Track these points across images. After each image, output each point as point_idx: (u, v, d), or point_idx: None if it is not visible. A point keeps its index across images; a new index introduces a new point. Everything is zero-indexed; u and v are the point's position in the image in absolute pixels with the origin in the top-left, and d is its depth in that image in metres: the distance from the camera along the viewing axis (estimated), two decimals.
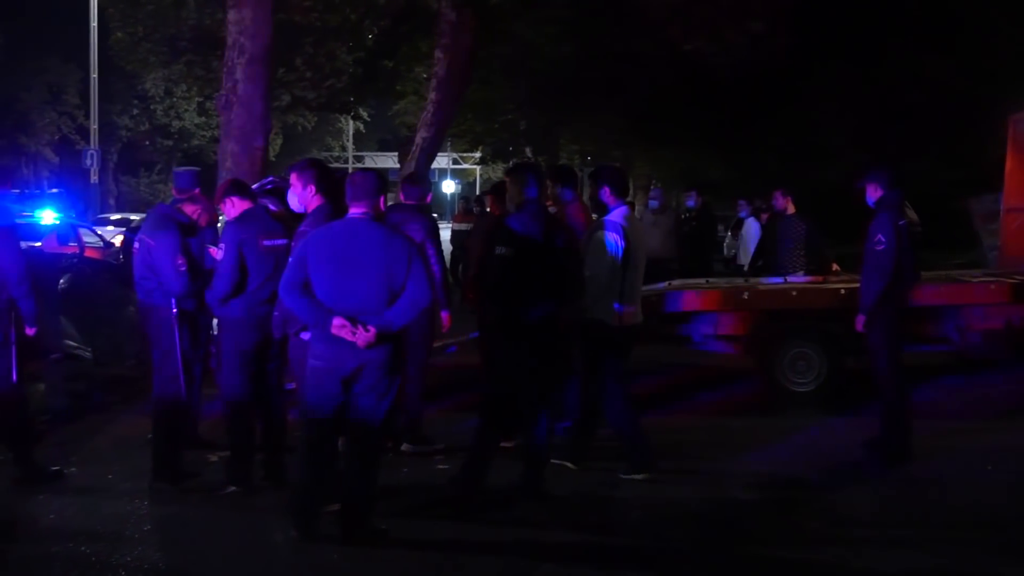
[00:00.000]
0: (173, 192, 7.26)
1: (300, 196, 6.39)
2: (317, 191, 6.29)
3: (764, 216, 14.47)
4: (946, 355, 10.33)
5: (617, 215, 6.98)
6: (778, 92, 22.21)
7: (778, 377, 9.72)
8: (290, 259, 5.73)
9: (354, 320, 5.47)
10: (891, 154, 17.64)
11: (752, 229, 14.76)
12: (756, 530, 6.16)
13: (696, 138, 27.91)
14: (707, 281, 11.02)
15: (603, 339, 6.96)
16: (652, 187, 49.07)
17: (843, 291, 9.51)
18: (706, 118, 24.86)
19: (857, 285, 8.04)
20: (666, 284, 10.88)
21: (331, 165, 46.89)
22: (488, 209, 10.29)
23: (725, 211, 23.93)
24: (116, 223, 28.86)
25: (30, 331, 6.76)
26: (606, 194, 7.03)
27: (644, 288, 10.36)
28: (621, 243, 6.85)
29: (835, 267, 10.58)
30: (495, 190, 8.30)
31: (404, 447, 7.55)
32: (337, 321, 5.47)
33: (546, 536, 5.95)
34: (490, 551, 5.72)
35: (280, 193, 7.49)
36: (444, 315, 7.77)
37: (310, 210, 6.32)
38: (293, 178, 6.41)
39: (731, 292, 10.24)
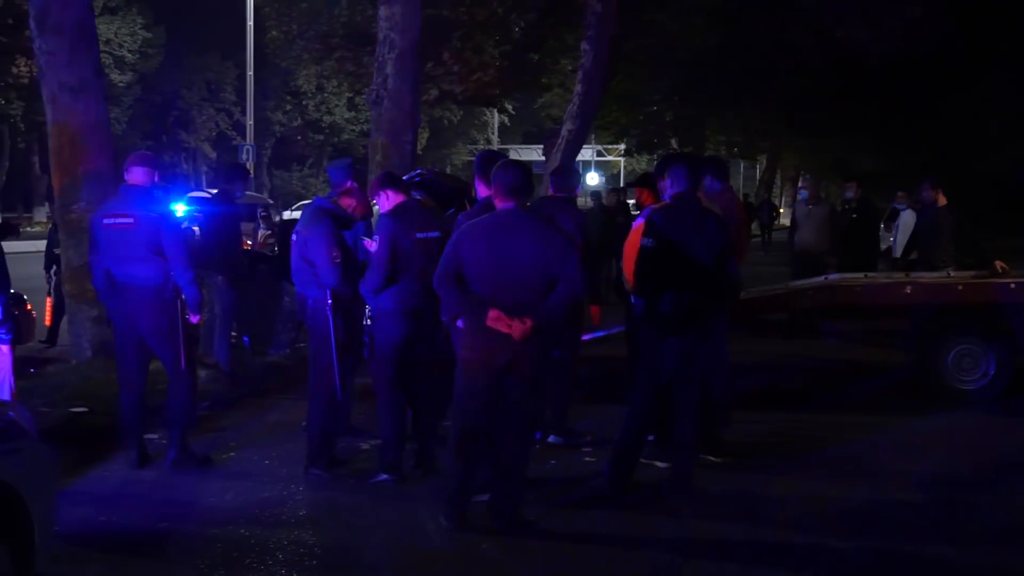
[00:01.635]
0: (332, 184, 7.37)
1: (479, 189, 6.72)
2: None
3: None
4: None
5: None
6: (934, 79, 21.38)
7: (942, 375, 9.34)
8: (444, 251, 5.76)
9: (510, 312, 5.47)
10: None
11: (908, 221, 14.26)
12: (918, 531, 5.92)
13: (847, 128, 27.13)
14: (865, 276, 10.66)
15: None
16: (801, 178, 47.97)
17: (1013, 285, 9.12)
18: (858, 107, 24.13)
19: None
20: (822, 278, 10.60)
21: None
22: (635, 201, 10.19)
23: (879, 202, 23.20)
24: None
25: (194, 319, 6.99)
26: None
27: (801, 282, 10.10)
28: None
29: (1000, 265, 10.10)
30: (645, 182, 8.20)
31: (551, 439, 7.54)
32: (493, 313, 5.48)
33: (697, 532, 5.85)
34: (640, 546, 5.65)
35: (428, 186, 7.58)
36: (593, 308, 7.73)
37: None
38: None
39: (892, 287, 9.89)
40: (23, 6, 27.79)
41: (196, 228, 10.88)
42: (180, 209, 19.42)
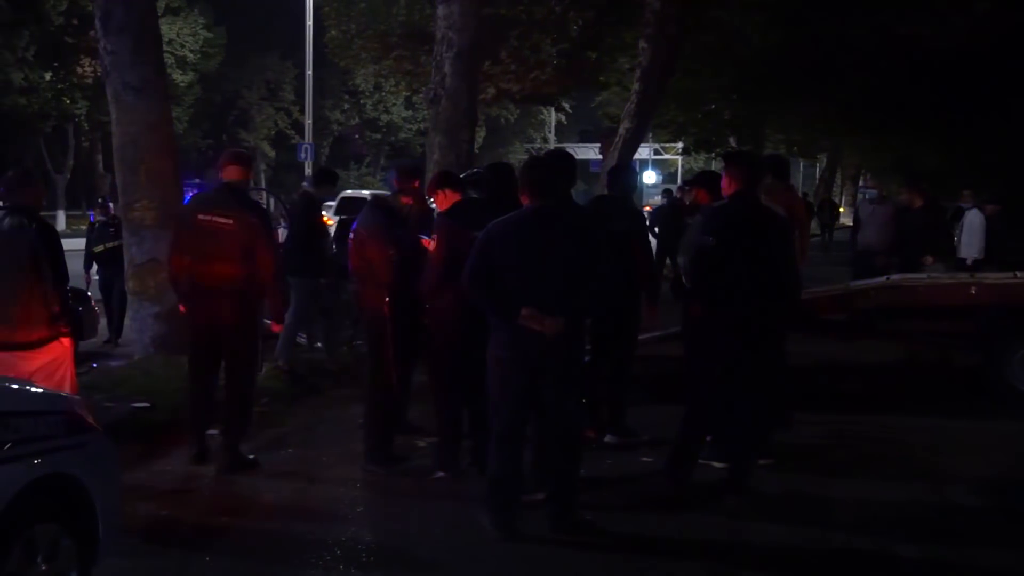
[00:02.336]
0: (394, 183, 7.38)
1: None
2: None
3: (988, 208, 13.76)
4: None
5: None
6: (1000, 75, 20.95)
7: (1008, 377, 9.15)
8: (472, 251, 5.71)
9: (541, 309, 5.45)
10: None
11: (974, 220, 14.03)
12: (979, 537, 5.80)
13: (910, 126, 26.70)
14: (928, 276, 10.49)
15: None
16: (863, 177, 47.27)
17: None
18: (922, 105, 23.73)
19: None
20: (884, 278, 10.45)
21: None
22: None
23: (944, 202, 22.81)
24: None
25: (276, 327, 7.03)
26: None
27: (862, 282, 9.96)
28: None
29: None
30: (701, 181, 8.12)
31: (608, 438, 7.51)
32: (524, 311, 5.46)
33: (754, 535, 5.78)
34: (695, 548, 5.61)
35: (483, 184, 7.59)
36: (650, 309, 7.68)
37: None
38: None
39: (956, 288, 9.72)
40: (88, 8, 28.29)
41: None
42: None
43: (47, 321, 5.94)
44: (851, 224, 17.73)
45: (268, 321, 7.77)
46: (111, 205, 12.56)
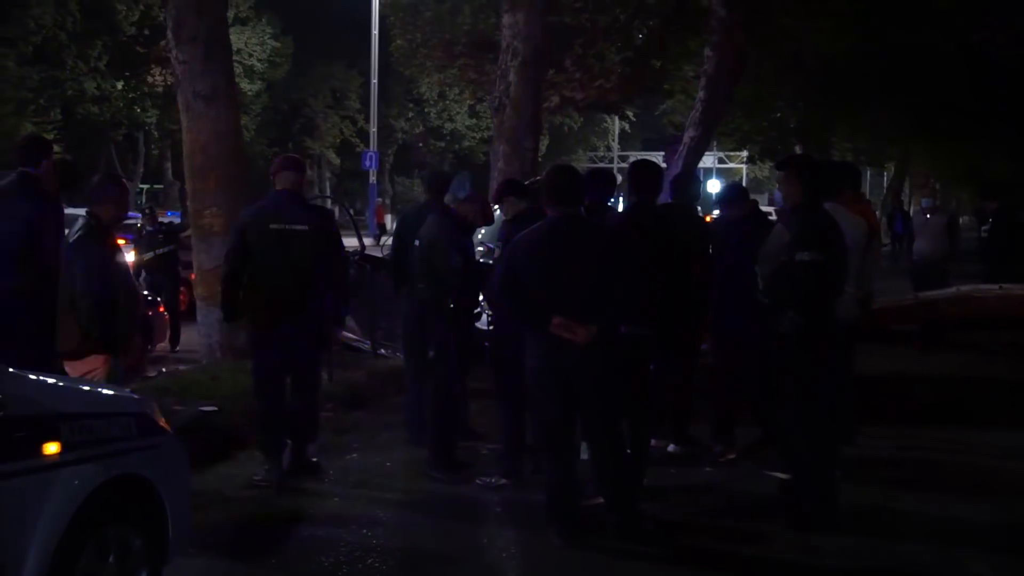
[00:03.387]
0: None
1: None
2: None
3: None
4: None
5: None
6: None
7: None
8: (502, 260, 5.72)
9: (572, 318, 5.40)
10: None
11: None
12: None
13: (983, 134, 26.20)
14: (1000, 287, 10.29)
15: None
16: (922, 187, 46.45)
17: None
18: (995, 113, 23.28)
19: None
20: (954, 289, 10.28)
21: (597, 165, 46.91)
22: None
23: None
24: None
25: (340, 334, 7.06)
26: None
27: (932, 293, 9.82)
28: None
29: None
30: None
31: (671, 448, 7.46)
32: (556, 320, 5.41)
33: (821, 547, 5.69)
34: (762, 561, 5.55)
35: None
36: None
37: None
38: None
39: None
40: (159, 18, 28.82)
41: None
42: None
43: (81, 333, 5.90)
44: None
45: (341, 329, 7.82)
46: (157, 213, 12.80)
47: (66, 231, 6.43)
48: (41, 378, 4.16)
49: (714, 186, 57.02)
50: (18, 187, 6.55)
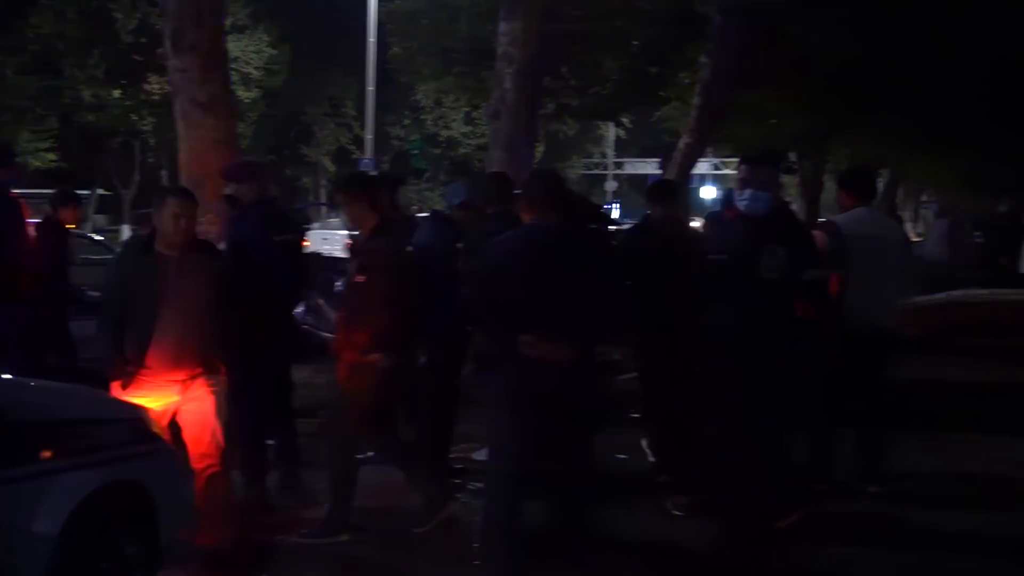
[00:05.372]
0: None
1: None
2: None
3: None
4: None
5: None
6: None
7: None
8: (473, 275, 5.37)
9: (550, 337, 4.93)
10: None
11: None
12: None
13: (990, 140, 26.20)
14: (989, 292, 10.34)
15: None
16: (925, 192, 46.37)
17: None
18: (1004, 118, 23.27)
19: None
20: (944, 294, 10.32)
21: (592, 172, 46.76)
22: None
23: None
24: None
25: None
26: None
27: (923, 298, 9.85)
28: None
29: None
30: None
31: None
32: (528, 339, 4.93)
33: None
34: None
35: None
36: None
37: None
38: None
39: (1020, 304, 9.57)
40: (156, 26, 28.83)
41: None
42: None
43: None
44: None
45: None
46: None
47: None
48: (38, 384, 4.17)
49: (708, 192, 57.16)
50: None
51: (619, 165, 59.82)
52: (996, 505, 6.73)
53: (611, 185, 56.69)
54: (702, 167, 52.98)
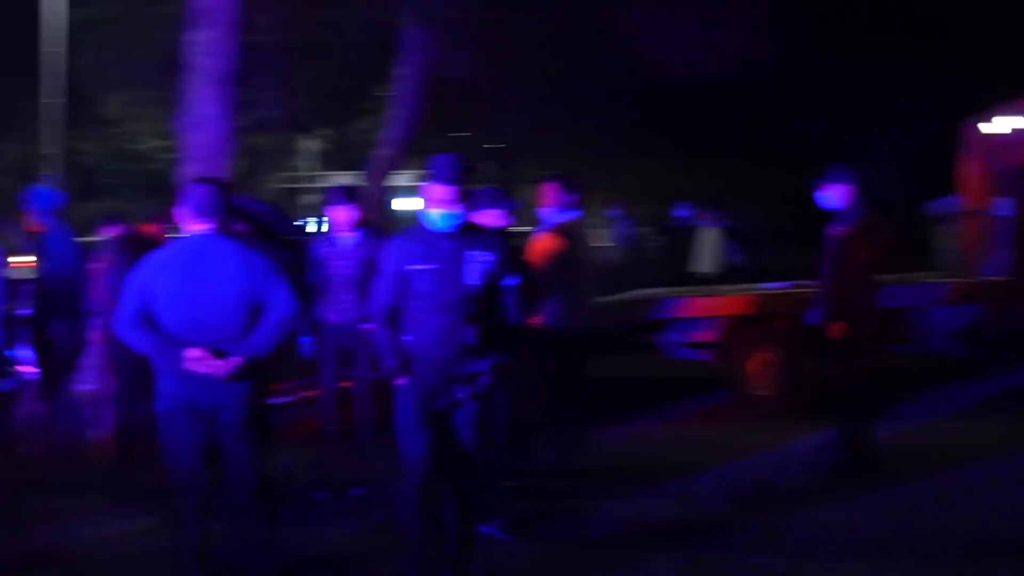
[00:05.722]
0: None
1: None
2: None
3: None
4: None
5: None
6: (754, 100, 22.46)
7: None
8: (122, 289, 5.07)
9: (210, 350, 4.83)
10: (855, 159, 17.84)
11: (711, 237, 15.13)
12: None
13: (662, 150, 28.08)
14: (665, 290, 11.36)
15: None
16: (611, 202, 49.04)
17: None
18: (678, 129, 25.04)
19: None
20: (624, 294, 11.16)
21: (292, 186, 45.78)
22: None
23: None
24: None
25: None
26: None
27: (606, 298, 10.33)
28: None
29: None
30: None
31: None
32: (193, 353, 4.83)
33: None
34: None
35: (242, 212, 7.57)
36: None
37: None
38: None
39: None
40: None
41: None
42: None
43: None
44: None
45: None
46: None
47: None
48: None
49: (411, 204, 57.80)
50: None
51: (323, 177, 59.18)
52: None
53: (310, 198, 56.04)
54: (404, 178, 53.43)
